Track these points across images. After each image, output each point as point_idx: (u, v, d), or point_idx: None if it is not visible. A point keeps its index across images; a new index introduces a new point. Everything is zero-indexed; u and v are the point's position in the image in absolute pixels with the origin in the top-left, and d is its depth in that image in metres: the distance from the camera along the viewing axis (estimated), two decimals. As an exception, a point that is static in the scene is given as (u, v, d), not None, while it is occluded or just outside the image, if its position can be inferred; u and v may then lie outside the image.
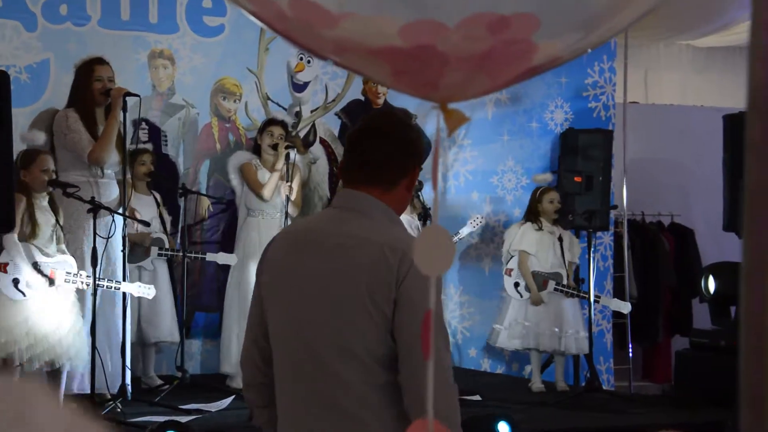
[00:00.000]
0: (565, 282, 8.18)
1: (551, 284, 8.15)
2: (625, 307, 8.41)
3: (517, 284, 8.28)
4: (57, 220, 6.31)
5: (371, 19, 1.34)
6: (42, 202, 6.29)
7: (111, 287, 6.57)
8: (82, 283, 6.28)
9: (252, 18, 1.48)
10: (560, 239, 8.20)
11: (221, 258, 7.68)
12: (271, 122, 8.02)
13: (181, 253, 7.55)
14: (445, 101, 1.44)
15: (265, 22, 1.48)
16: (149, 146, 7.97)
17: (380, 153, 2.81)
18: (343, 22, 1.34)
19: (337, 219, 2.83)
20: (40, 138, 6.58)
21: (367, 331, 2.66)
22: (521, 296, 8.25)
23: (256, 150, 7.99)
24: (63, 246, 6.34)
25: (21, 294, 6.09)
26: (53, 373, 6.23)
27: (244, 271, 7.68)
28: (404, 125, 2.91)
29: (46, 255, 6.21)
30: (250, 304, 2.97)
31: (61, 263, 6.25)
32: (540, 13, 1.34)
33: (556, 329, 8.13)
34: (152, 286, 6.85)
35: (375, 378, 2.67)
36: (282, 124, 8.03)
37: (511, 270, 8.33)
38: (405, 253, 2.65)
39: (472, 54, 1.36)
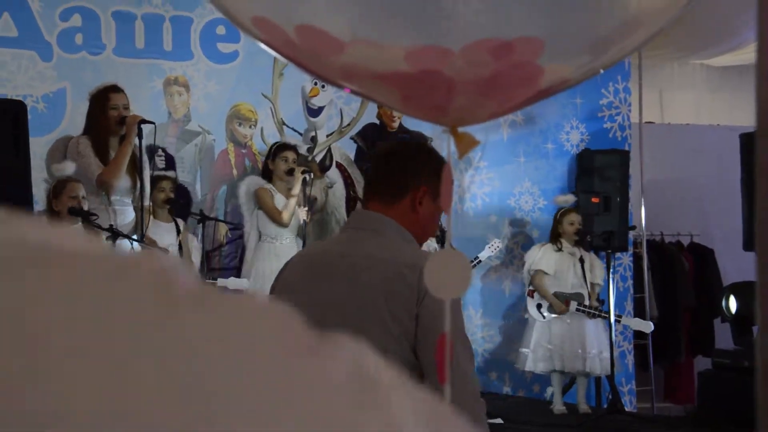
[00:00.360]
0: (587, 302, 8.16)
1: (573, 305, 8.12)
2: (647, 327, 8.36)
3: (539, 306, 8.26)
4: None
5: (377, 45, 1.34)
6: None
7: None
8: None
9: (262, 46, 1.48)
10: (581, 260, 8.19)
11: (231, 283, 7.68)
12: (283, 147, 7.99)
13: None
14: (456, 125, 1.44)
15: (274, 49, 1.48)
16: (171, 174, 7.98)
17: (381, 170, 2.87)
18: (350, 49, 1.34)
19: (352, 240, 2.84)
20: (69, 168, 6.61)
21: (390, 351, 2.65)
22: (543, 317, 8.23)
23: (266, 175, 7.97)
24: None
25: None
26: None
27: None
28: (410, 147, 2.97)
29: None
30: None
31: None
32: (545, 37, 1.34)
33: (580, 350, 8.10)
34: None
35: None
36: (294, 148, 8.02)
37: (534, 291, 8.33)
38: (423, 271, 2.64)
39: (478, 78, 1.36)
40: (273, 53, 1.50)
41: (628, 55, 1.51)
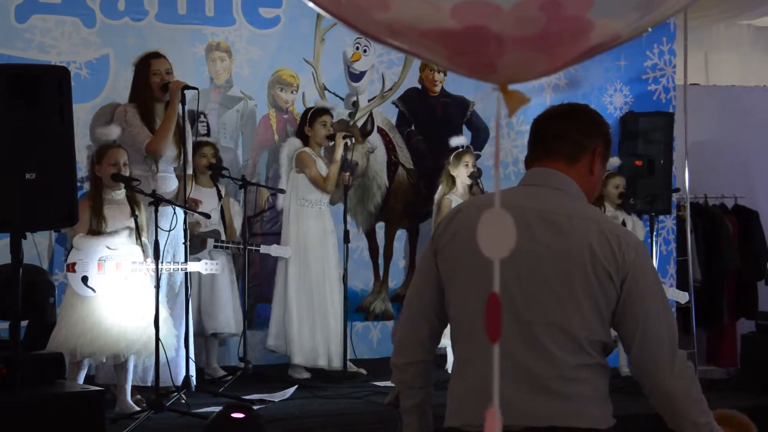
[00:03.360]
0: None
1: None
2: (683, 297, 8.29)
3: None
4: (135, 213, 6.34)
5: (423, 1, 1.32)
6: (116, 196, 6.33)
7: (177, 269, 6.61)
8: (148, 270, 6.30)
9: (308, 2, 1.47)
10: (624, 224, 8.14)
11: (274, 250, 7.71)
12: (321, 112, 7.94)
13: (235, 245, 7.59)
14: (505, 83, 1.42)
15: (320, 6, 1.47)
16: (213, 139, 7.99)
17: (563, 128, 2.85)
18: (395, 5, 1.33)
19: (536, 195, 2.80)
20: (113, 133, 6.62)
21: (589, 311, 2.67)
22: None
23: (303, 140, 7.94)
24: (133, 237, 6.34)
25: (91, 290, 6.13)
26: (120, 366, 6.28)
27: (303, 261, 7.71)
28: (587, 109, 2.95)
29: (112, 248, 6.24)
30: (420, 282, 2.91)
31: (126, 254, 6.27)
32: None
33: None
34: (218, 262, 6.84)
35: (586, 358, 2.68)
36: (329, 112, 7.99)
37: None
38: (619, 237, 2.71)
39: (527, 34, 1.34)
40: (319, 10, 1.49)
41: (678, 12, 1.49)
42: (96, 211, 6.20)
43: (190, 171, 6.98)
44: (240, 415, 4.98)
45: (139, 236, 6.33)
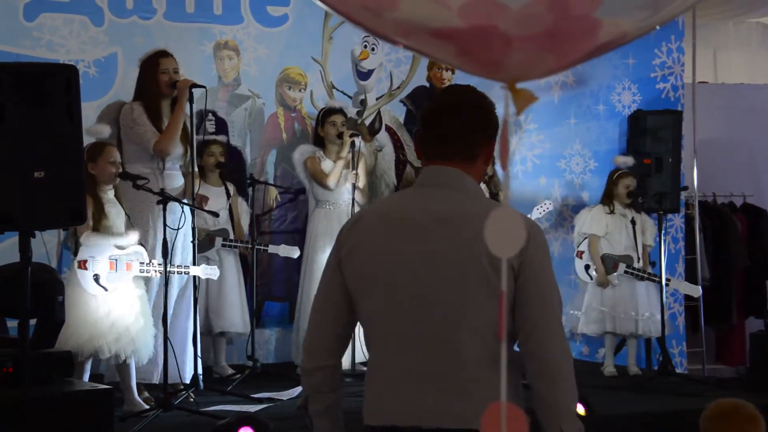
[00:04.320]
0: (637, 265, 8.12)
1: (621, 267, 8.08)
2: (696, 291, 8.30)
3: (587, 267, 8.23)
4: (125, 211, 6.36)
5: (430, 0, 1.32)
6: (110, 194, 6.34)
7: (180, 272, 6.61)
8: (155, 272, 6.31)
9: (317, 2, 1.47)
10: (633, 222, 8.14)
11: (283, 250, 7.69)
12: (331, 112, 7.96)
13: (244, 244, 7.59)
14: (513, 81, 1.42)
15: (329, 5, 1.47)
16: (222, 138, 7.99)
17: (459, 127, 2.82)
18: (403, 4, 1.33)
19: (432, 196, 2.81)
20: (105, 131, 6.61)
21: (490, 305, 2.67)
22: (591, 279, 8.21)
23: (318, 140, 7.97)
24: (136, 237, 6.36)
25: (102, 289, 6.15)
26: (122, 365, 6.28)
27: (315, 261, 7.71)
28: (479, 99, 2.89)
29: (120, 247, 6.25)
30: (325, 287, 2.93)
31: (135, 254, 6.29)
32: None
33: (633, 313, 8.07)
34: (215, 267, 6.83)
35: (493, 353, 2.66)
36: (340, 111, 8.00)
37: (582, 252, 8.29)
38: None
39: (535, 33, 1.34)
40: (327, 8, 1.49)
41: (686, 11, 1.49)
42: (97, 208, 6.20)
43: (196, 169, 6.97)
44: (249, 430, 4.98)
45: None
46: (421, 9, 1.34)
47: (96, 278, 6.12)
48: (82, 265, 6.14)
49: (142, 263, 6.27)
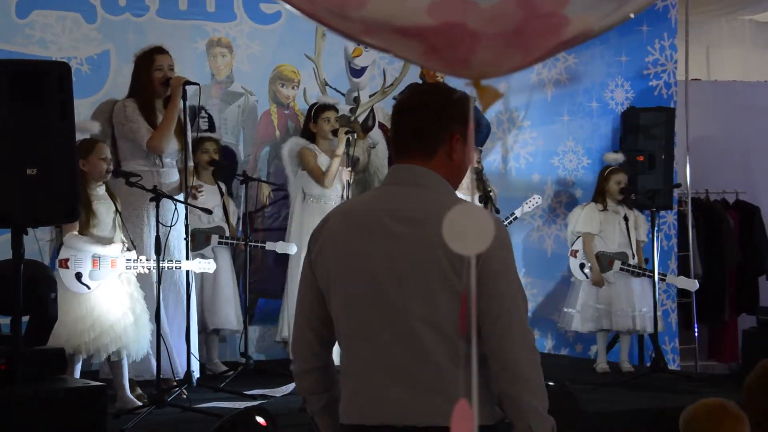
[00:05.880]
0: (631, 261, 8.13)
1: (617, 264, 8.09)
2: (693, 285, 8.30)
3: (582, 265, 8.23)
4: (117, 208, 6.36)
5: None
6: (100, 191, 6.33)
7: (172, 267, 6.59)
8: (144, 267, 6.30)
9: (282, 3, 1.48)
10: (626, 218, 8.14)
11: (280, 247, 7.66)
12: (324, 108, 7.92)
13: (241, 241, 7.59)
14: (478, 78, 1.44)
15: (294, 6, 1.47)
16: (216, 135, 7.98)
17: (415, 123, 2.84)
18: (371, 2, 1.34)
19: (396, 194, 2.83)
20: (95, 127, 6.60)
21: (451, 304, 2.67)
22: (587, 277, 8.21)
23: (308, 136, 7.96)
24: (121, 234, 6.34)
25: (85, 287, 6.14)
26: (114, 362, 6.29)
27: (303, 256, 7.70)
28: (439, 95, 2.91)
29: (106, 244, 6.23)
30: (301, 288, 2.95)
31: (120, 251, 6.26)
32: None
33: (629, 309, 8.08)
34: (212, 260, 6.79)
35: (457, 350, 2.66)
36: (334, 107, 7.99)
37: (577, 251, 8.29)
38: None
39: (503, 30, 1.35)
40: (293, 10, 1.49)
41: (652, 2, 1.49)
42: (85, 206, 6.17)
43: (191, 163, 6.98)
44: (263, 422, 4.99)
45: (120, 230, 6.33)
46: (389, 7, 1.35)
47: (78, 276, 6.12)
48: (64, 263, 6.13)
49: (129, 260, 6.25)
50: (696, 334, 9.30)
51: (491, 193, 7.77)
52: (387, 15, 1.37)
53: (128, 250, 6.27)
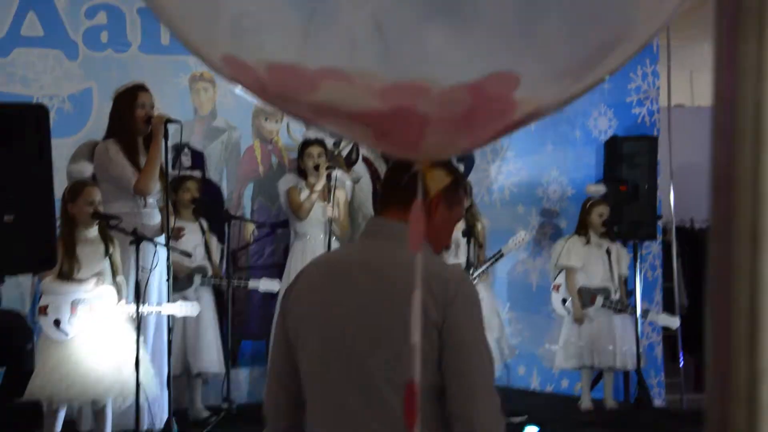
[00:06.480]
0: (614, 296, 8.07)
1: (599, 301, 8.03)
2: (674, 323, 8.22)
3: (564, 300, 8.17)
4: (109, 250, 6.31)
5: (350, 82, 1.31)
6: (89, 233, 6.29)
7: (152, 312, 6.53)
8: (124, 312, 6.24)
9: (237, 90, 1.47)
10: (608, 252, 8.10)
11: (263, 285, 7.61)
12: (308, 144, 7.94)
13: (223, 280, 7.52)
14: (427, 160, 1.42)
15: (245, 88, 1.46)
16: (197, 173, 7.94)
17: (396, 178, 2.84)
18: (322, 87, 1.32)
19: (369, 248, 2.83)
20: (87, 170, 6.58)
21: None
22: (569, 312, 8.15)
23: (301, 173, 7.97)
24: (101, 281, 6.27)
25: (64, 334, 6.08)
26: (99, 411, 6.21)
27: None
28: None
29: (86, 290, 6.17)
30: (273, 344, 2.92)
31: (100, 296, 6.22)
32: (520, 70, 1.31)
33: (611, 346, 8.00)
34: (195, 303, 6.74)
35: (426, 407, 2.62)
36: (320, 142, 7.97)
37: (559, 286, 8.23)
38: (447, 280, 2.66)
39: (453, 115, 1.34)
40: (248, 96, 1.48)
41: (612, 74, 1.48)
42: (69, 251, 6.13)
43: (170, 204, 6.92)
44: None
45: (114, 274, 6.29)
46: (340, 92, 1.34)
47: (56, 323, 6.06)
48: (43, 310, 6.09)
49: (108, 305, 6.19)
50: (682, 366, 9.23)
51: (479, 226, 7.74)
52: (338, 100, 1.35)
53: (118, 293, 6.22)
